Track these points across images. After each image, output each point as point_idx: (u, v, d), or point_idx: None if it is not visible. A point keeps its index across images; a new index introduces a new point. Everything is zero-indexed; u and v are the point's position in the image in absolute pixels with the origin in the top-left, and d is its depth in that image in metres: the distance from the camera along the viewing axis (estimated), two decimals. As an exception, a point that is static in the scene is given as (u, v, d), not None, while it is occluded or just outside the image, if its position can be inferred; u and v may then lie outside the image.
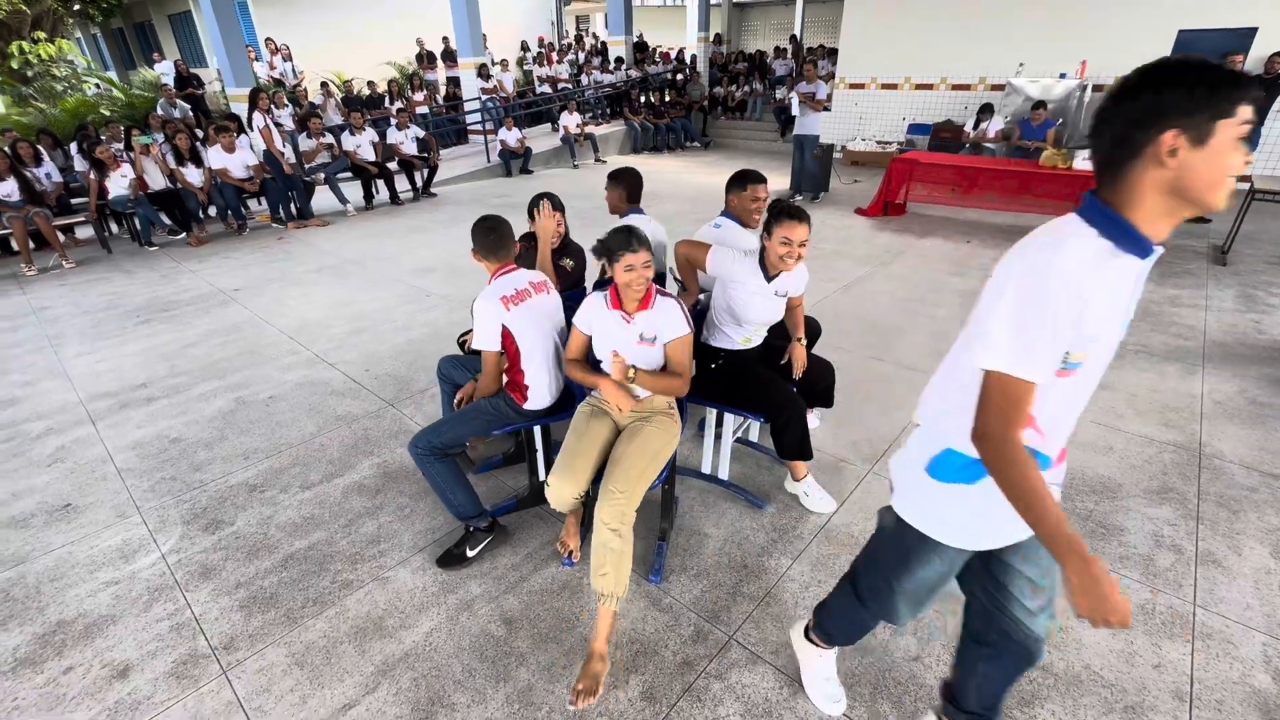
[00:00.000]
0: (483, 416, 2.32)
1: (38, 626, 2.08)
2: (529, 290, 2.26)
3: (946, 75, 9.57)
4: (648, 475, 1.98)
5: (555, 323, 2.36)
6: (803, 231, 2.20)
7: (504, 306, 2.18)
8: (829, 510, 2.52)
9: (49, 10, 13.39)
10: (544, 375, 2.29)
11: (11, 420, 3.35)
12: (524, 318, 2.22)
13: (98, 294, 5.31)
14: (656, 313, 2.05)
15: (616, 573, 1.82)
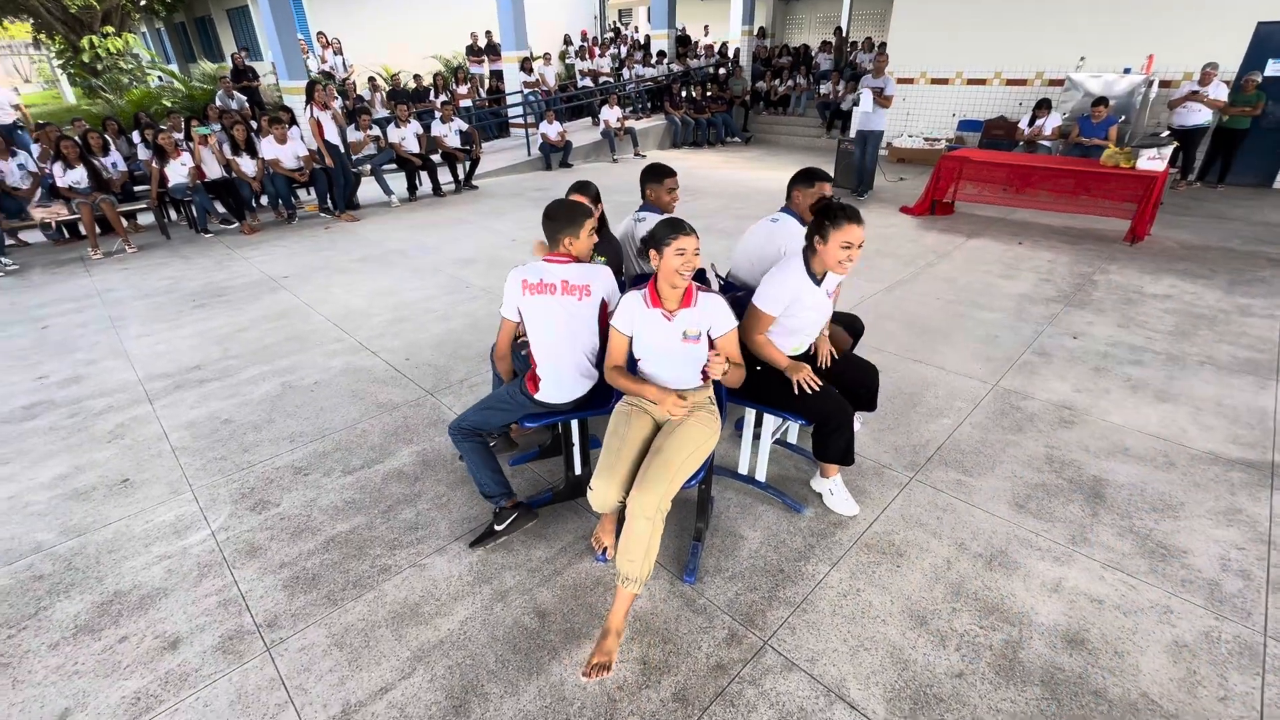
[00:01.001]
0: (501, 405, 2.34)
1: (96, 596, 2.18)
2: (554, 286, 2.18)
3: (1001, 70, 9.23)
4: (686, 468, 1.96)
5: (574, 331, 2.22)
6: (861, 233, 2.14)
7: (522, 289, 2.18)
8: (850, 513, 2.47)
9: (118, 6, 14.00)
10: (554, 373, 2.26)
11: (76, 397, 3.52)
12: (537, 310, 2.20)
13: (157, 278, 5.54)
14: (699, 310, 2.02)
15: (644, 560, 1.84)
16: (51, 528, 2.52)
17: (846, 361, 2.58)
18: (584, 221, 2.20)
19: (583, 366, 2.30)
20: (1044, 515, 2.45)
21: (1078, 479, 2.66)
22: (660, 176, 3.06)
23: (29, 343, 4.25)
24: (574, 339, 2.24)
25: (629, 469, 1.98)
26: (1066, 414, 3.12)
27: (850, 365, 2.58)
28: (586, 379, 2.32)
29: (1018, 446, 2.88)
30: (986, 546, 2.31)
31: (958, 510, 2.49)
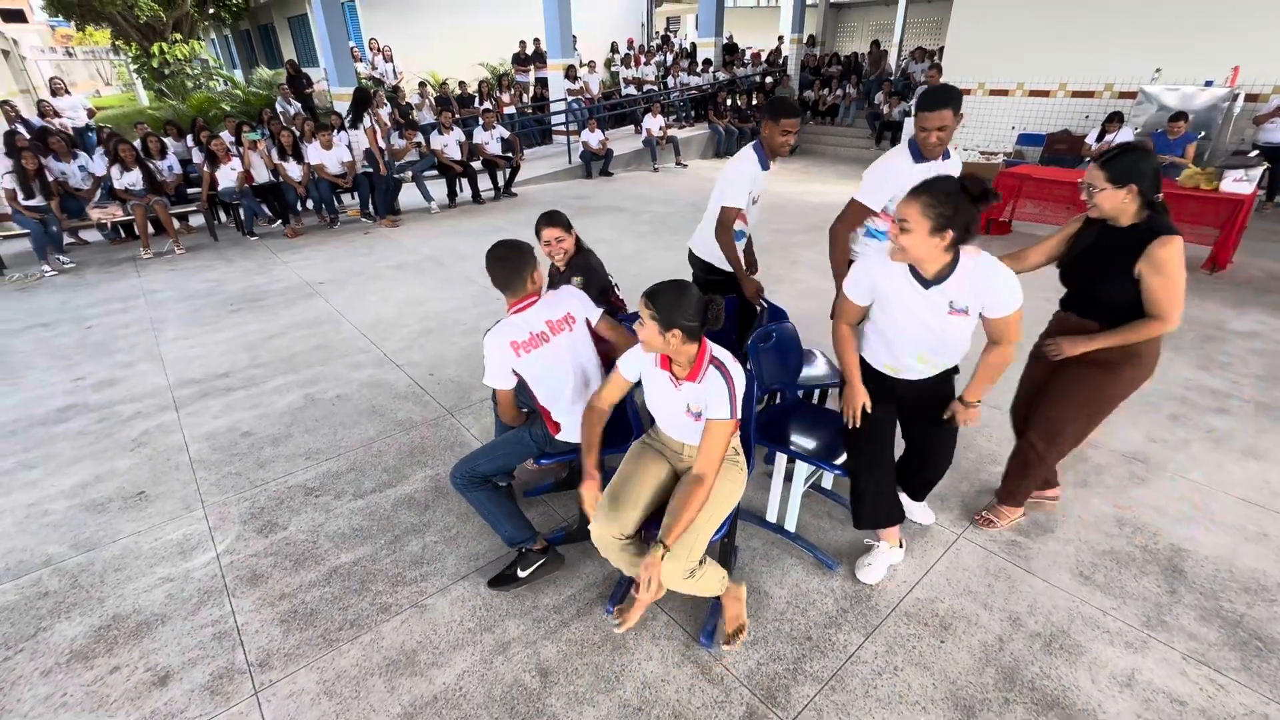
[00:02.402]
0: (517, 448, 2.20)
1: (95, 619, 2.13)
2: (545, 333, 2.03)
3: (1066, 81, 8.72)
4: (706, 529, 1.78)
5: (579, 360, 2.13)
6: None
7: (514, 352, 2.00)
8: (870, 581, 2.21)
9: (186, 14, 14.66)
10: (573, 414, 2.12)
11: (108, 401, 3.56)
12: (539, 364, 2.04)
13: (200, 280, 5.66)
14: (703, 387, 1.76)
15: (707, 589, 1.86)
16: (64, 540, 2.50)
17: (934, 427, 2.09)
18: (533, 260, 2.08)
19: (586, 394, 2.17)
20: (1113, 589, 2.17)
21: (1153, 547, 2.36)
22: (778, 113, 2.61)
23: (72, 342, 4.35)
24: (581, 372, 2.14)
25: (634, 509, 1.82)
26: (1139, 468, 2.81)
27: (933, 436, 2.13)
28: None
29: (1082, 504, 2.59)
30: (1046, 624, 2.04)
31: (1012, 577, 2.23)
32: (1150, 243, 1.85)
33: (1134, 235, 1.89)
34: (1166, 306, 1.88)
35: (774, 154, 2.73)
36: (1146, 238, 1.86)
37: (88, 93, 25.89)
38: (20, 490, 2.81)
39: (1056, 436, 2.22)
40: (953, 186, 1.62)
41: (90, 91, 28.01)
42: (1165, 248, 1.83)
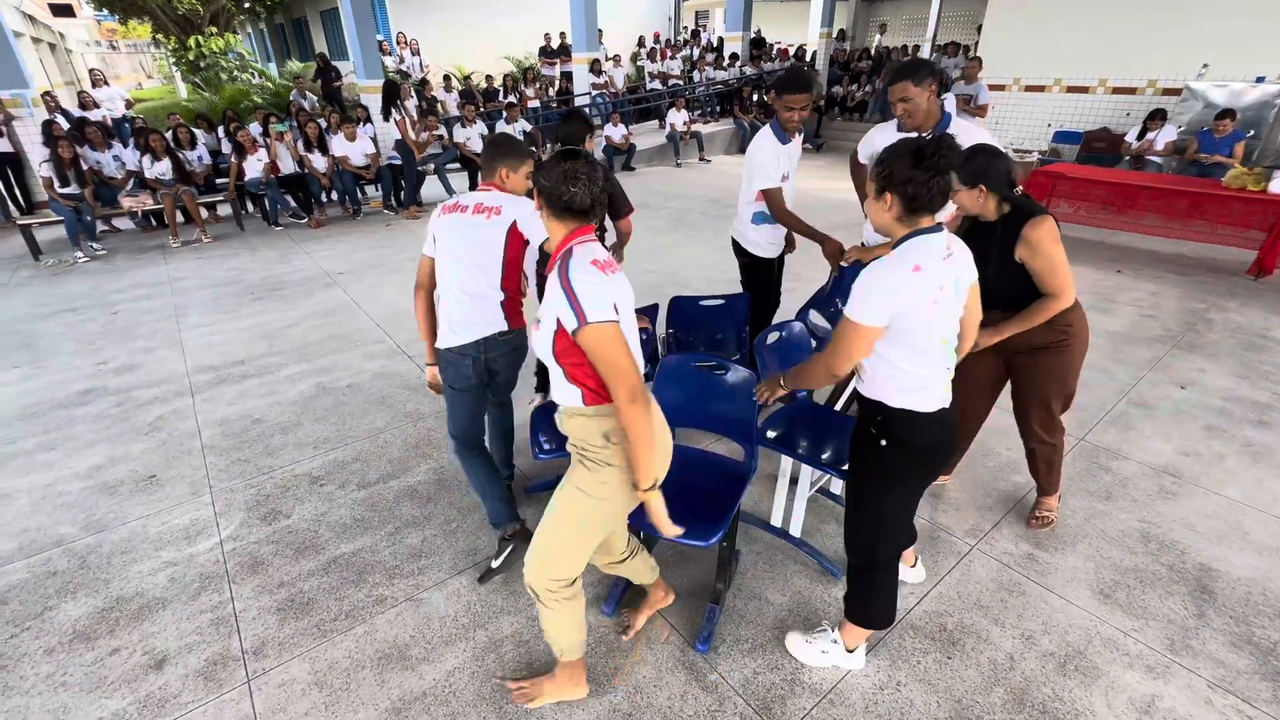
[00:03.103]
0: (450, 385, 2.16)
1: (100, 600, 2.15)
2: (466, 207, 2.02)
3: (1106, 77, 8.40)
4: (555, 541, 1.54)
5: (471, 252, 2.00)
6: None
7: (439, 213, 2.04)
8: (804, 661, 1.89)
9: (223, 8, 14.96)
10: (447, 308, 2.06)
11: (127, 386, 3.63)
12: (444, 235, 2.01)
13: (225, 269, 5.76)
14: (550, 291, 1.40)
15: (552, 635, 1.67)
16: (76, 521, 2.54)
17: None
18: (526, 159, 2.09)
19: (480, 295, 2.02)
20: (1136, 610, 2.06)
21: (1180, 566, 2.23)
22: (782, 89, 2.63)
23: (98, 327, 4.45)
24: (470, 262, 2.00)
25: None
26: (1169, 482, 2.67)
27: None
28: (486, 314, 2.04)
29: (1106, 518, 2.47)
30: (1061, 643, 1.94)
31: (1028, 593, 2.13)
32: (1022, 228, 1.93)
33: (1003, 225, 1.97)
34: (1055, 283, 1.97)
35: (787, 131, 2.72)
36: (1016, 225, 1.94)
37: (129, 85, 26.69)
38: (38, 471, 2.87)
39: (1051, 420, 2.31)
40: (900, 147, 1.40)
41: (133, 84, 28.87)
42: (1035, 229, 1.91)
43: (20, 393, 3.58)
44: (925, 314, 1.42)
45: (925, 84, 2.31)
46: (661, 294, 2.88)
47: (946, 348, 1.50)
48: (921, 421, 1.53)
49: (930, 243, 1.41)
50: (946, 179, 1.38)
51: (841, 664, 1.87)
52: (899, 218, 1.43)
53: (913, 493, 1.70)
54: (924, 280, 1.39)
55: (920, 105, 2.34)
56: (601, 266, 1.38)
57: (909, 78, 2.31)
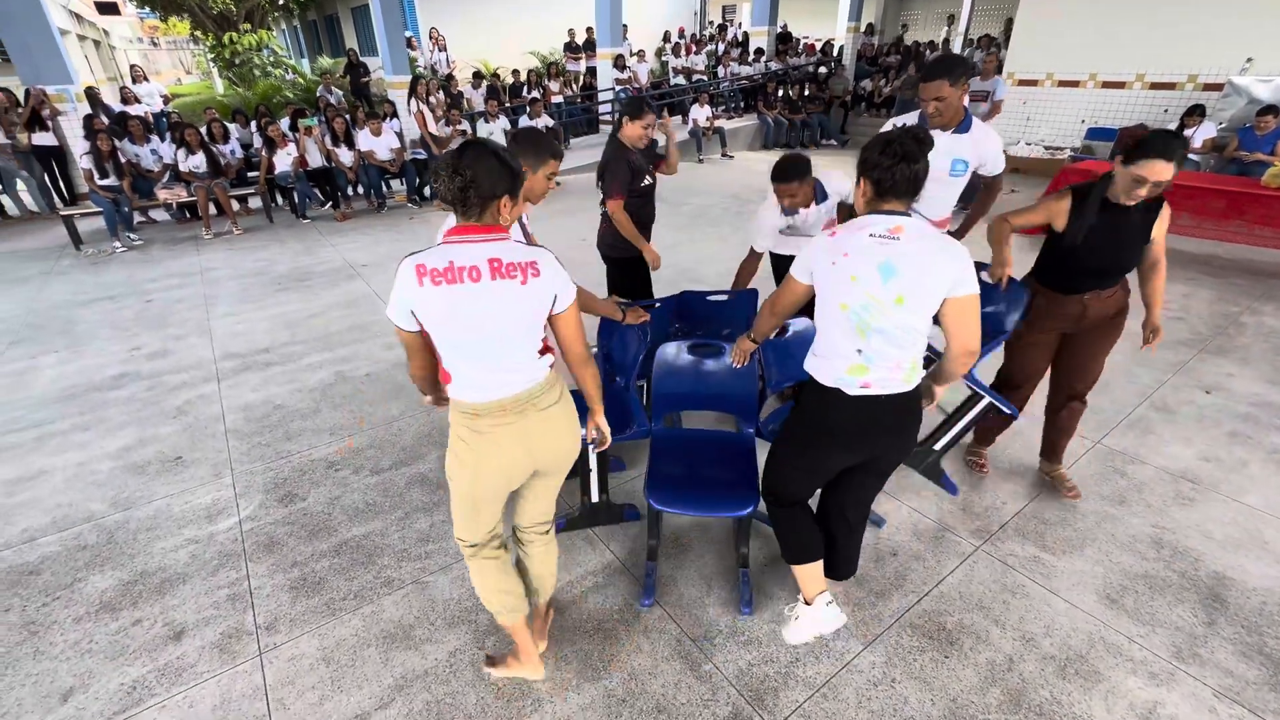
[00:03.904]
0: None
1: (125, 573, 2.26)
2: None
3: (1144, 72, 8.13)
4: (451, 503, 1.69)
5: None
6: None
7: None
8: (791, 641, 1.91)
9: (258, 5, 15.32)
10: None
11: (158, 371, 3.77)
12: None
13: (253, 260, 5.93)
14: None
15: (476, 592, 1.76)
16: (105, 498, 2.67)
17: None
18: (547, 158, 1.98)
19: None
20: (1143, 616, 2.02)
21: (1192, 574, 2.18)
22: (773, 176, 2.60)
23: (132, 315, 4.63)
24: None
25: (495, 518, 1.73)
26: (1187, 488, 2.60)
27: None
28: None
29: (1117, 522, 2.42)
30: (1062, 647, 1.92)
31: (1030, 595, 2.11)
32: (1160, 209, 2.08)
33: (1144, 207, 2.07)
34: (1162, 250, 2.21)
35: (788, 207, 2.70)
36: (1156, 206, 2.07)
37: (169, 80, 27.49)
38: (73, 450, 3.01)
39: (1093, 385, 2.46)
40: (876, 138, 1.53)
41: (172, 79, 29.71)
42: (1168, 209, 2.11)
43: (59, 375, 3.74)
44: (826, 274, 1.54)
45: (960, 83, 2.30)
46: (676, 289, 2.90)
47: (849, 318, 1.53)
48: (816, 391, 1.66)
49: (869, 220, 1.51)
50: (913, 167, 1.46)
51: (815, 624, 1.82)
52: (870, 201, 1.55)
53: (802, 457, 1.76)
54: (834, 243, 1.52)
55: (953, 104, 2.33)
56: (426, 272, 1.33)
57: (945, 76, 2.27)
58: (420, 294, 1.34)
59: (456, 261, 1.35)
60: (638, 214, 3.03)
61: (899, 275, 1.46)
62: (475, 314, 1.37)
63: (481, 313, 1.38)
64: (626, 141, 2.91)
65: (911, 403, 1.64)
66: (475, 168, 1.34)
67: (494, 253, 1.38)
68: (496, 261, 1.38)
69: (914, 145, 1.46)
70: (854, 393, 1.58)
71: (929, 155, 2.20)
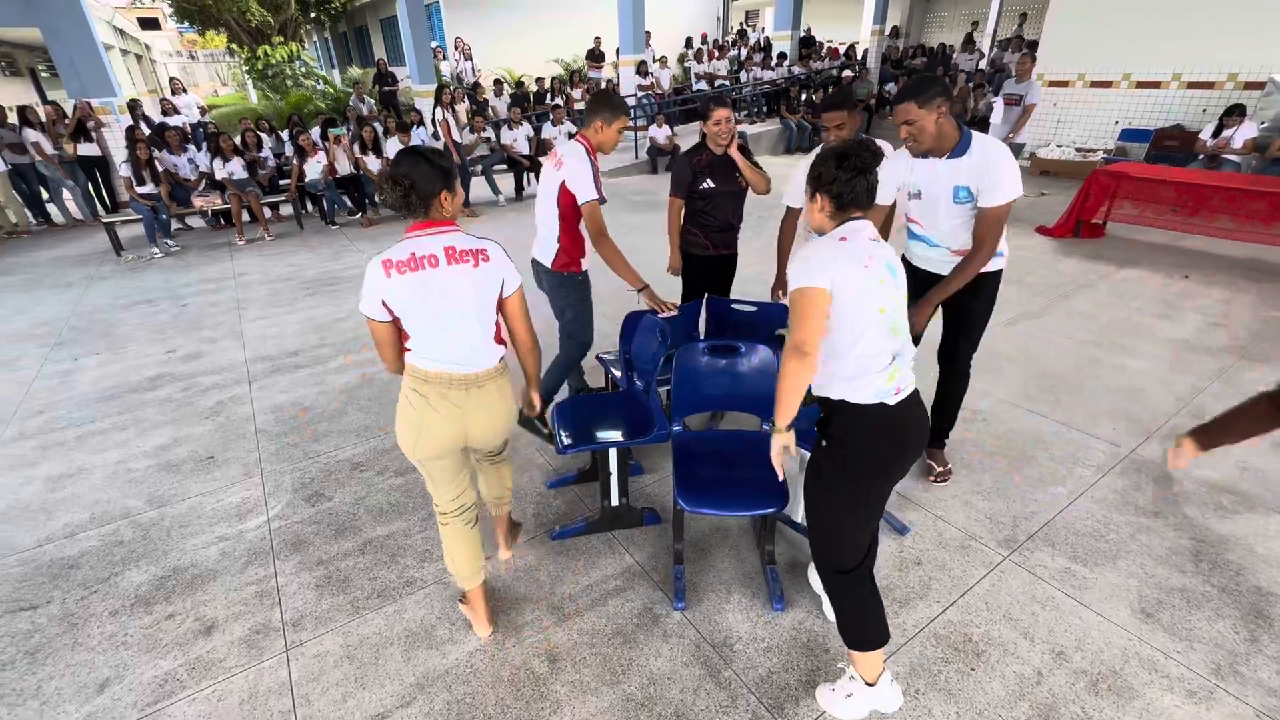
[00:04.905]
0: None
1: (159, 569, 2.33)
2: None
3: (1181, 71, 7.92)
4: None
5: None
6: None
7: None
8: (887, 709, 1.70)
9: (291, 19, 15.75)
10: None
11: (192, 372, 3.88)
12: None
13: (284, 265, 6.08)
14: None
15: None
16: (142, 495, 2.75)
17: None
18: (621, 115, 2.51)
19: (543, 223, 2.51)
20: (1180, 631, 1.96)
21: (1233, 589, 2.10)
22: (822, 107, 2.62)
23: (168, 318, 4.78)
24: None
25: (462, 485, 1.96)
26: (1228, 500, 2.51)
27: None
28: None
29: (1153, 534, 2.35)
30: (1094, 661, 1.87)
31: (1061, 607, 2.05)
32: None
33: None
34: None
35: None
36: None
37: (206, 92, 28.40)
38: (112, 449, 3.11)
39: None
40: (827, 152, 1.51)
41: (209, 91, 30.69)
42: None
43: (100, 376, 3.88)
44: (858, 280, 1.43)
45: (932, 105, 2.04)
46: (697, 294, 2.91)
47: (887, 320, 1.47)
48: (859, 415, 1.50)
49: (855, 226, 1.50)
50: (870, 178, 1.47)
51: (874, 704, 1.66)
52: (831, 215, 1.53)
53: (857, 497, 1.56)
54: (851, 248, 1.46)
55: (927, 128, 2.07)
56: (392, 265, 1.57)
57: (912, 98, 2.05)
58: (388, 284, 1.57)
59: (417, 252, 1.59)
60: (704, 216, 3.00)
61: (898, 271, 1.54)
62: (435, 294, 1.60)
63: (440, 292, 1.60)
64: (709, 141, 2.87)
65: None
66: (412, 174, 1.56)
67: (449, 241, 1.62)
68: (451, 249, 1.62)
69: (869, 157, 1.47)
70: (894, 401, 1.50)
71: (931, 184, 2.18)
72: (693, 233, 3.05)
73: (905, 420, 1.54)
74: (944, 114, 2.07)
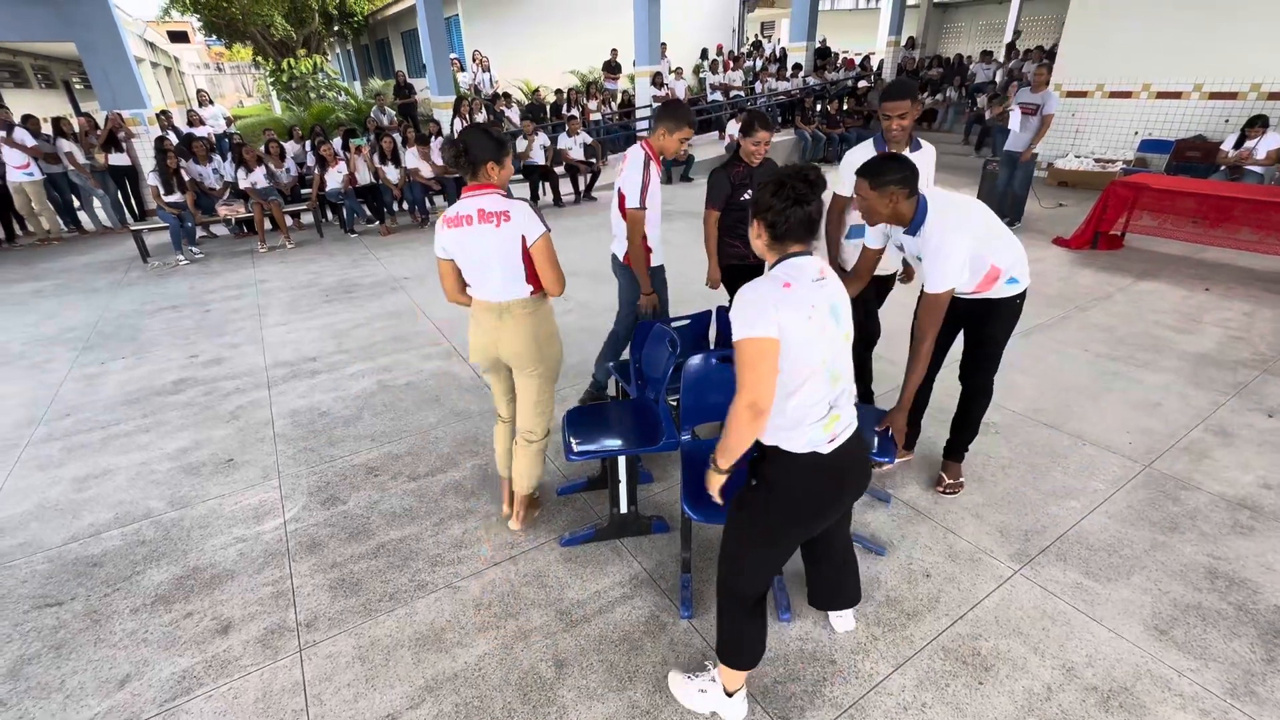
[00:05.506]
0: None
1: (179, 568, 2.39)
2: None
3: (1202, 81, 7.83)
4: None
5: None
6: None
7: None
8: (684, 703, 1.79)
9: (315, 32, 16.12)
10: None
11: (214, 377, 3.98)
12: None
13: (304, 273, 6.20)
14: None
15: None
16: (164, 496, 2.82)
17: None
18: (684, 125, 2.64)
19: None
20: (1194, 649, 1.93)
21: (1250, 606, 2.07)
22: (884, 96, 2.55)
23: (192, 324, 4.90)
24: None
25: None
26: (1246, 516, 2.47)
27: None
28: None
29: (1168, 550, 2.32)
30: (1105, 677, 1.85)
31: (1072, 622, 2.03)
32: None
33: None
34: None
35: (889, 141, 2.57)
36: None
37: (232, 103, 29.09)
38: (136, 450, 3.20)
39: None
40: (770, 177, 1.44)
41: (235, 102, 31.44)
42: None
43: (126, 380, 3.99)
44: (801, 329, 1.37)
45: (886, 190, 2.00)
46: (710, 304, 2.94)
47: (828, 371, 1.43)
48: (789, 463, 1.47)
49: (799, 264, 1.42)
50: (805, 209, 1.39)
51: (720, 709, 1.74)
52: (769, 245, 1.47)
53: (774, 538, 1.57)
54: (795, 296, 1.37)
55: (877, 209, 2.07)
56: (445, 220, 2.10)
57: (867, 178, 2.03)
58: (444, 235, 2.12)
59: (460, 212, 2.08)
60: (743, 228, 2.99)
61: (842, 312, 1.46)
62: (470, 245, 2.10)
63: (474, 243, 2.09)
64: (744, 156, 2.94)
65: (860, 429, 1.58)
66: (469, 140, 2.02)
67: (482, 204, 2.06)
68: (482, 211, 2.06)
69: (805, 188, 1.39)
70: (827, 450, 1.47)
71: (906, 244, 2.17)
72: (733, 244, 3.08)
73: (840, 469, 1.52)
74: (900, 199, 2.02)
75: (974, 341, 2.45)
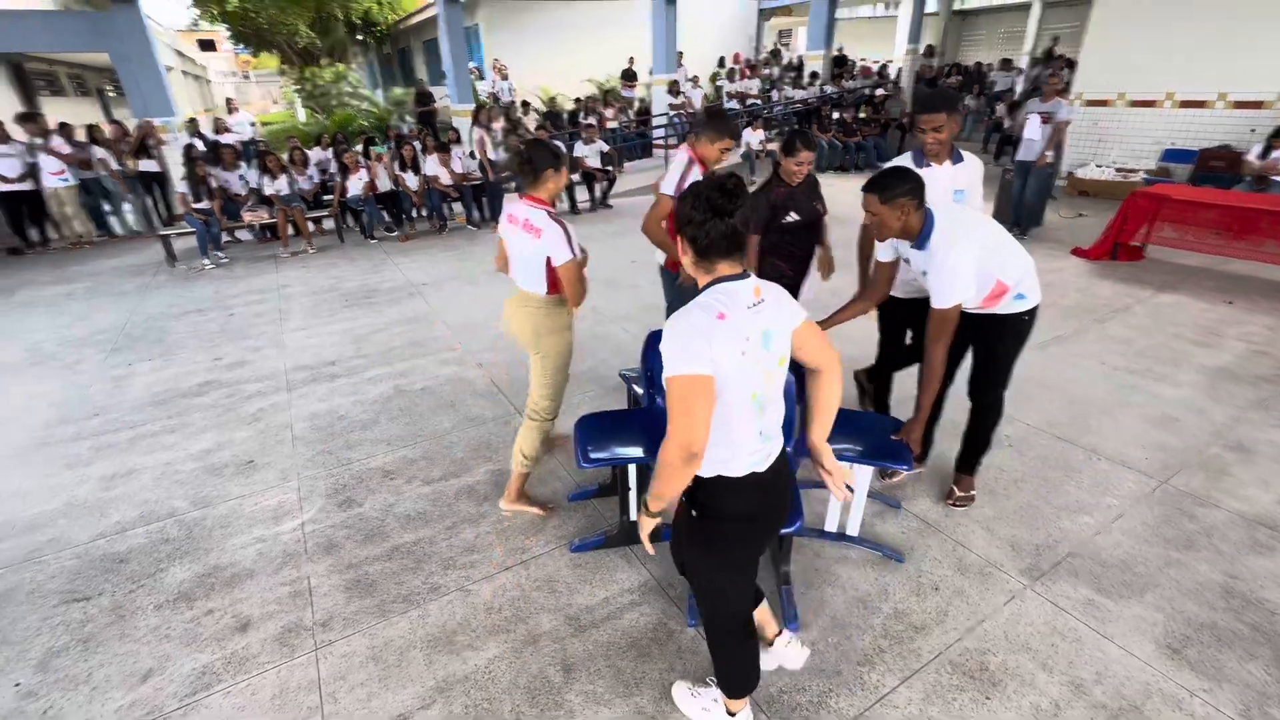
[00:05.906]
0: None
1: (200, 567, 2.46)
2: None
3: (1228, 90, 7.71)
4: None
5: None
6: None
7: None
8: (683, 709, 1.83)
9: (339, 41, 16.46)
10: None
11: (237, 379, 4.08)
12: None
13: (325, 278, 6.32)
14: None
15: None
16: (187, 496, 2.90)
17: None
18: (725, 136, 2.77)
19: None
20: (1207, 669, 1.91)
21: (1268, 627, 2.04)
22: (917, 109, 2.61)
23: (216, 328, 5.02)
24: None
25: None
26: (1264, 535, 2.44)
27: None
28: None
29: (1183, 568, 2.29)
30: (1115, 696, 1.83)
31: (1083, 639, 2.02)
32: None
33: None
34: None
35: (926, 155, 2.58)
36: None
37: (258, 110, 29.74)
38: (161, 451, 3.29)
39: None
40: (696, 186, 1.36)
41: (261, 109, 32.12)
42: None
43: (153, 381, 4.10)
44: (735, 363, 1.31)
45: (896, 204, 2.04)
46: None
47: (757, 404, 1.39)
48: (731, 488, 1.44)
49: (732, 290, 1.33)
50: (727, 222, 1.29)
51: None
52: (695, 263, 1.38)
53: (736, 562, 1.55)
54: (729, 328, 1.29)
55: (888, 223, 2.08)
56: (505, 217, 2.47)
57: (877, 192, 2.05)
58: (502, 228, 2.50)
59: (514, 213, 2.41)
60: (787, 249, 3.00)
61: (775, 337, 1.39)
62: (511, 241, 2.44)
63: (513, 242, 2.43)
64: (784, 175, 2.89)
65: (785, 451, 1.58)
66: (531, 151, 2.35)
67: (526, 215, 2.34)
68: (526, 221, 2.34)
69: (722, 198, 1.28)
70: (764, 468, 1.47)
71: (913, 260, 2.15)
72: (777, 265, 3.01)
73: (775, 484, 1.51)
74: (910, 211, 2.05)
75: (981, 358, 2.45)
